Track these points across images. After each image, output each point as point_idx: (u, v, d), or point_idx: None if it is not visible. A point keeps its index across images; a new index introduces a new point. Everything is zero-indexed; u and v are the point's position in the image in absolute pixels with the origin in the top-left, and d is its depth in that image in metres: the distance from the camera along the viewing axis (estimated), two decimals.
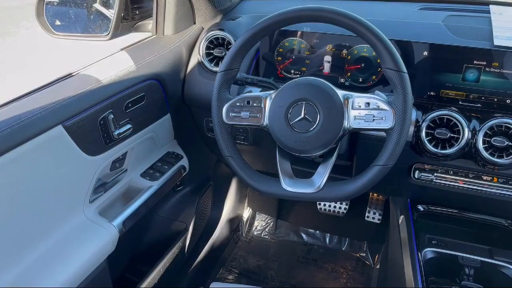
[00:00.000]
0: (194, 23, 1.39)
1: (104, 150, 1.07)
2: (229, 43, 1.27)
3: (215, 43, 1.29)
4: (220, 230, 1.95)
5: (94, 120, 1.01)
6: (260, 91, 1.03)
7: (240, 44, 0.96)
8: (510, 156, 0.98)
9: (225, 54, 1.24)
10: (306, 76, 1.00)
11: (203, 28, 1.37)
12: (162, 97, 1.25)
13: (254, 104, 0.96)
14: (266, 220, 2.18)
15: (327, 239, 2.08)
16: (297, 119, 0.92)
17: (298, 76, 1.20)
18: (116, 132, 1.08)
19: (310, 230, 2.11)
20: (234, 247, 2.07)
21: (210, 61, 1.29)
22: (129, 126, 1.13)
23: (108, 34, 1.29)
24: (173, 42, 1.29)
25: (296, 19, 0.93)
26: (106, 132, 1.06)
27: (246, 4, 1.51)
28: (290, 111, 0.93)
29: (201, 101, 1.29)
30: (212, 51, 1.29)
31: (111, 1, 1.34)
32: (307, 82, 0.94)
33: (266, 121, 0.96)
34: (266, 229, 2.16)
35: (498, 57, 1.01)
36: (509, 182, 1.09)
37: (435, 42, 1.06)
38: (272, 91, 0.97)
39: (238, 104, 0.97)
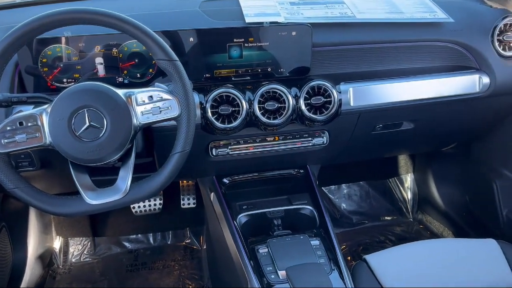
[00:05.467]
0: None
1: None
2: None
3: None
4: (31, 271, 1.73)
5: None
6: (33, 108, 0.93)
7: None
8: (282, 116, 1.13)
9: None
10: (81, 82, 0.95)
11: None
12: None
13: (29, 124, 0.87)
14: (82, 242, 2.02)
15: (151, 239, 2.06)
16: (83, 129, 0.87)
17: (72, 84, 1.12)
18: None
19: (132, 236, 2.06)
20: (53, 283, 1.87)
21: None
22: None
23: None
24: None
25: (54, 24, 0.87)
26: None
27: None
28: (73, 122, 0.87)
29: None
30: None
31: None
32: (83, 88, 0.89)
33: (49, 139, 0.88)
34: (85, 251, 2.00)
35: (252, 32, 1.14)
36: (288, 138, 1.27)
37: (197, 28, 1.13)
38: (46, 105, 0.89)
39: (8, 128, 0.86)
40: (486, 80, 1.30)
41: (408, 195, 2.22)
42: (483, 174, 1.68)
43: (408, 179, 2.22)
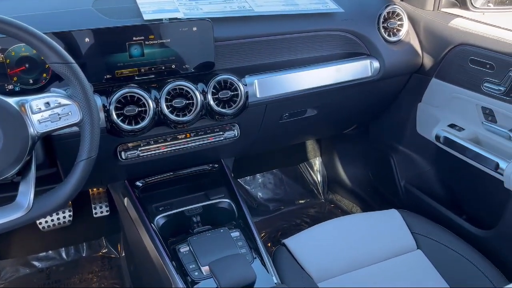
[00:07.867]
0: None
1: None
2: None
3: None
4: None
5: None
6: None
7: None
8: (191, 112, 1.12)
9: None
10: None
11: None
12: None
13: None
14: None
15: (64, 254, 1.94)
16: None
17: None
18: None
19: (41, 254, 1.91)
20: None
21: None
22: None
23: None
24: None
25: None
26: None
27: None
28: None
29: None
30: None
31: None
32: None
33: None
34: None
35: (152, 30, 1.11)
36: (199, 134, 1.27)
37: (93, 27, 1.07)
38: None
39: None
40: (376, 64, 1.41)
41: (318, 178, 2.34)
42: (381, 151, 1.83)
43: (317, 163, 2.34)
